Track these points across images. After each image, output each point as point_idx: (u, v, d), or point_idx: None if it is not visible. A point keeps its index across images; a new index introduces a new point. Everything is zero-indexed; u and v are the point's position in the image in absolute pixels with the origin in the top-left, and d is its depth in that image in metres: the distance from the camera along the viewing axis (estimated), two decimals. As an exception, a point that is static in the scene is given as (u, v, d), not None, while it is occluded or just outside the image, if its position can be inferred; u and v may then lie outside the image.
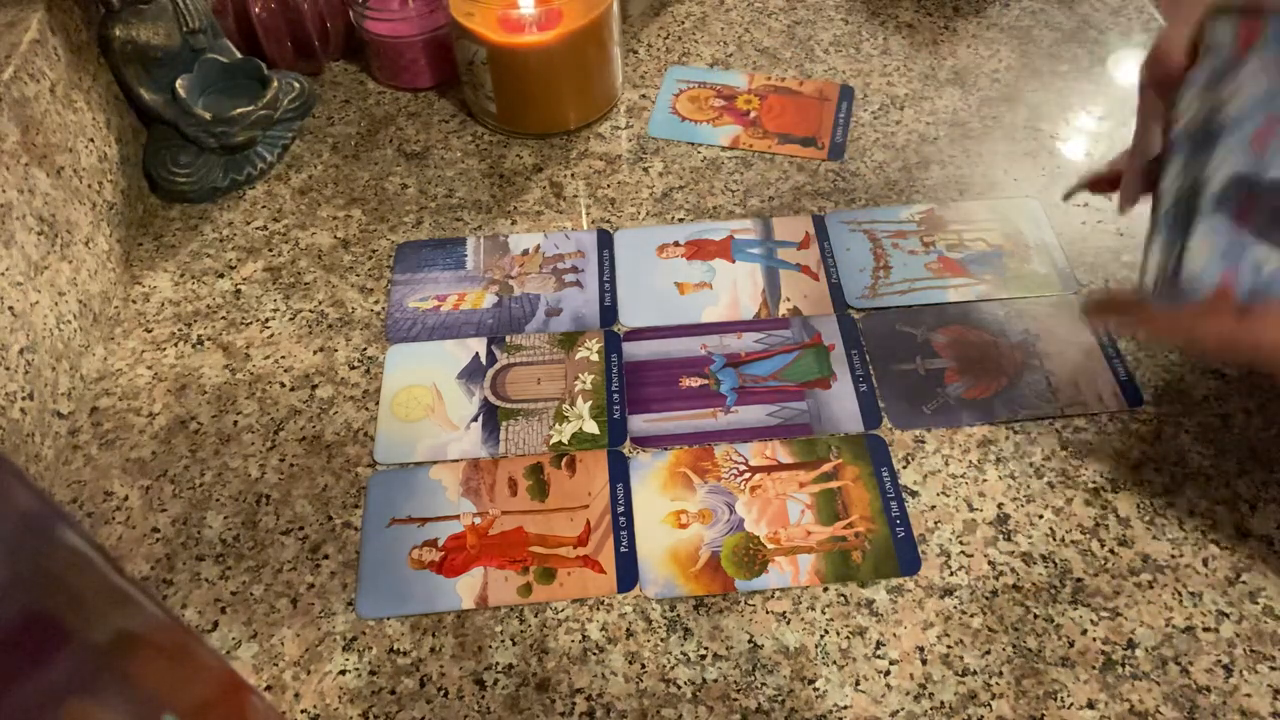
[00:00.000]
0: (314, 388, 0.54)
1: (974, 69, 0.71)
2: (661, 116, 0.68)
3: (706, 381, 0.54)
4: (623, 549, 0.47)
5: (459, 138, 0.67)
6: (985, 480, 0.49)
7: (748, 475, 0.50)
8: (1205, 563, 0.46)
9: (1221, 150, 0.39)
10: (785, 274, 0.58)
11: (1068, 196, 0.50)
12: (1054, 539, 0.47)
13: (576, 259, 0.60)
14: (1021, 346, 0.54)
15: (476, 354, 0.55)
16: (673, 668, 0.43)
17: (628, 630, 0.45)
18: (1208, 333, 0.39)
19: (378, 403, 0.53)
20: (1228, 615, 0.44)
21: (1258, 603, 0.45)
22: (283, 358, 0.55)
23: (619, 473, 0.50)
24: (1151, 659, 0.43)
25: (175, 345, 0.56)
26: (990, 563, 0.46)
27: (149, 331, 0.57)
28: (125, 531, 0.48)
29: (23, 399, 0.48)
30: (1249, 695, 0.42)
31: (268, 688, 0.43)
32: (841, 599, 0.45)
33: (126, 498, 0.50)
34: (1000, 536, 0.47)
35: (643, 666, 0.43)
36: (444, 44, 0.68)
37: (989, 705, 0.42)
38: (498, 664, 0.44)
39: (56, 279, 0.53)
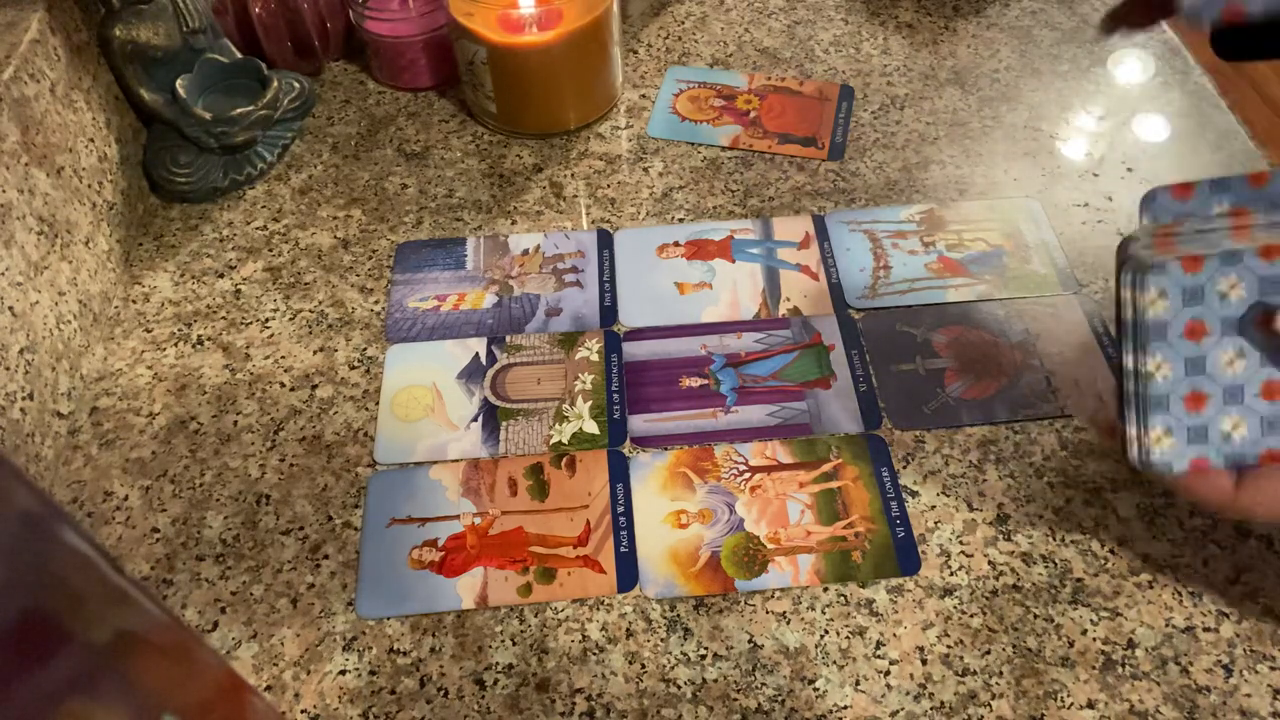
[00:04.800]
0: (314, 388, 0.54)
1: (974, 69, 0.71)
2: (661, 116, 0.68)
3: (706, 381, 0.54)
4: (623, 549, 0.47)
5: (459, 138, 0.67)
6: (985, 480, 0.49)
7: (748, 475, 0.50)
8: (1205, 563, 0.46)
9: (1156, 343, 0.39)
10: (785, 274, 0.58)
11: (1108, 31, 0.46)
12: (1054, 539, 0.47)
13: (576, 259, 0.60)
14: (1021, 346, 0.54)
15: (476, 354, 0.55)
16: (673, 668, 0.43)
17: (628, 630, 0.45)
18: (1207, 498, 0.40)
19: (378, 403, 0.53)
20: (1228, 615, 0.44)
21: (1258, 603, 0.45)
22: (283, 358, 0.55)
23: (619, 473, 0.50)
24: (1151, 659, 0.43)
25: (175, 345, 0.56)
26: (990, 563, 0.46)
27: (149, 331, 0.57)
28: (125, 531, 0.48)
29: (23, 399, 0.48)
30: (1249, 695, 0.42)
31: (268, 688, 0.43)
32: (841, 599, 0.45)
33: (126, 498, 0.50)
34: (1000, 536, 0.47)
35: (643, 666, 0.43)
36: (444, 44, 0.68)
37: (989, 705, 0.42)
38: (498, 664, 0.44)
39: (56, 279, 0.53)
